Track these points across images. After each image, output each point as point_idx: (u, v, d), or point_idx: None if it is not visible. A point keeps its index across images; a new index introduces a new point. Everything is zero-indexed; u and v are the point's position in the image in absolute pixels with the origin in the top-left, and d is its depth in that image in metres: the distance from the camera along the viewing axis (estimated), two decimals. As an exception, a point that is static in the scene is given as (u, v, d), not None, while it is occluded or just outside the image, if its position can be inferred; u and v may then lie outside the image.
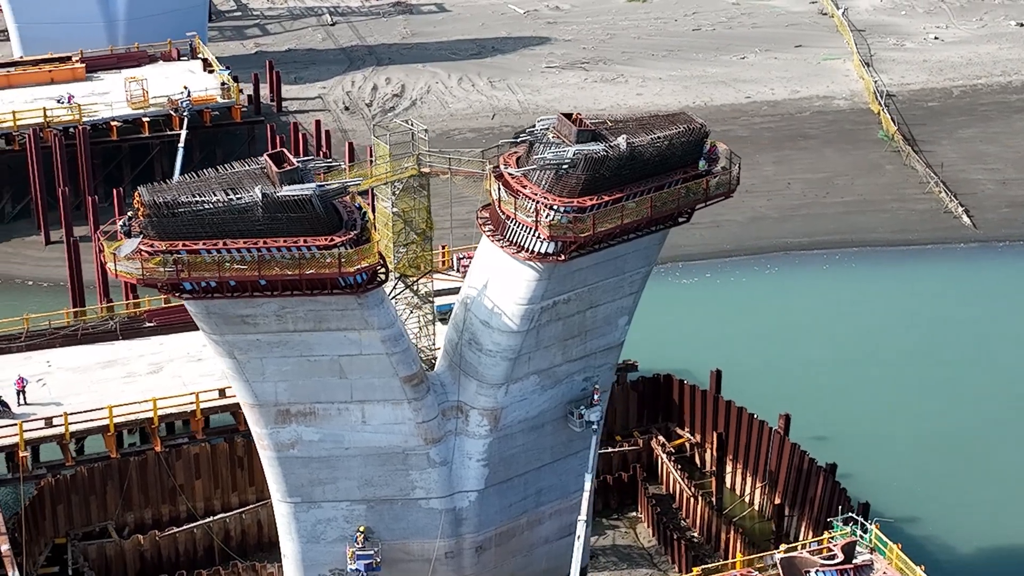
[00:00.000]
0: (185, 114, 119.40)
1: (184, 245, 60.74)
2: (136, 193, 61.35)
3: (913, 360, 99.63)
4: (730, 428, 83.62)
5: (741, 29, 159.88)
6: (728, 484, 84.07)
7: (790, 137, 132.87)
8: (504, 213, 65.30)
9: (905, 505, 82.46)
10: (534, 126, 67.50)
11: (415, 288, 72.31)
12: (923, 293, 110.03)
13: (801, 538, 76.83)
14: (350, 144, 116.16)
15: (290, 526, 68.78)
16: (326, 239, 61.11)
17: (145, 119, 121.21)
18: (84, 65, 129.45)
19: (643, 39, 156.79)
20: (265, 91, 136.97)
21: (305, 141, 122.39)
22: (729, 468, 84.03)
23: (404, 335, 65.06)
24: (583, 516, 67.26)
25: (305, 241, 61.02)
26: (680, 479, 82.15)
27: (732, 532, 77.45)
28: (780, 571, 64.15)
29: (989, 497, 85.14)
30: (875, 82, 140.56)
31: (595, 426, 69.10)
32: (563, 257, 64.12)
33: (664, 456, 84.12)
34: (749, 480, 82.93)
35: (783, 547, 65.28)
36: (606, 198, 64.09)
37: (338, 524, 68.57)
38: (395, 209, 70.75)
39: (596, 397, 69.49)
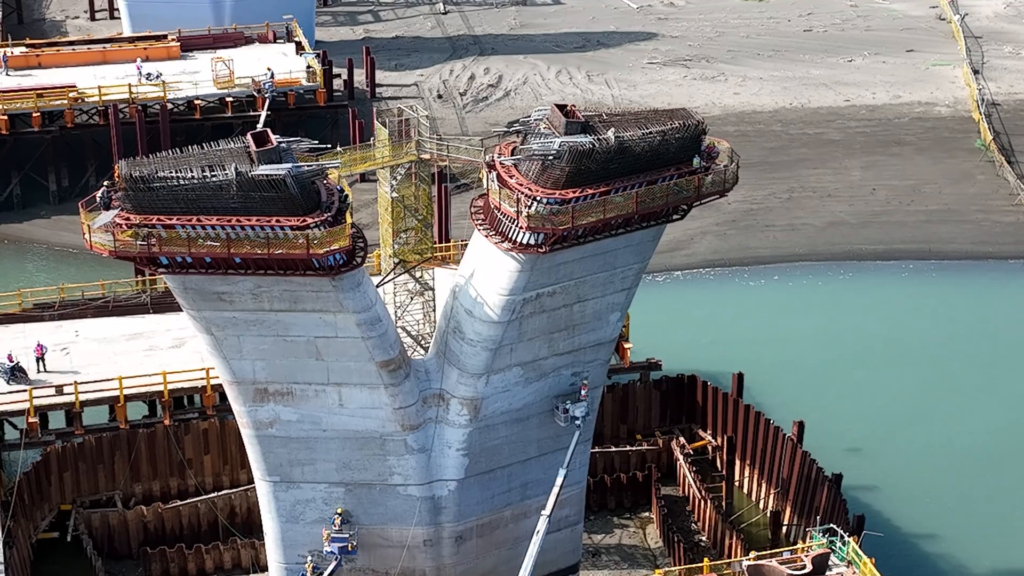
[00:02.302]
0: (267, 95, 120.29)
1: (159, 220, 61.09)
2: (116, 165, 61.92)
3: (962, 379, 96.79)
4: (748, 432, 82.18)
5: (854, 32, 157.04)
6: (739, 488, 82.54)
7: (883, 143, 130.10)
8: (493, 202, 64.84)
9: (909, 521, 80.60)
10: (529, 116, 66.93)
11: (415, 274, 72.23)
12: (994, 309, 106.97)
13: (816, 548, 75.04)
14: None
15: (270, 505, 69.00)
16: (299, 220, 61.03)
17: (229, 99, 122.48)
18: (179, 44, 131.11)
19: (751, 38, 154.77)
20: (362, 76, 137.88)
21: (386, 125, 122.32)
22: (742, 472, 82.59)
23: (381, 320, 64.66)
24: (547, 511, 66.39)
25: (278, 221, 60.98)
26: (693, 481, 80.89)
27: (735, 537, 75.99)
28: (747, 579, 62.95)
29: (1000, 521, 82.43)
30: (979, 90, 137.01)
31: (579, 422, 68.19)
32: (544, 249, 63.40)
33: (682, 458, 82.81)
34: (758, 485, 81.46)
35: (752, 554, 63.89)
36: (590, 191, 63.21)
37: (317, 505, 68.60)
38: (395, 194, 70.66)
39: (583, 392, 68.58)
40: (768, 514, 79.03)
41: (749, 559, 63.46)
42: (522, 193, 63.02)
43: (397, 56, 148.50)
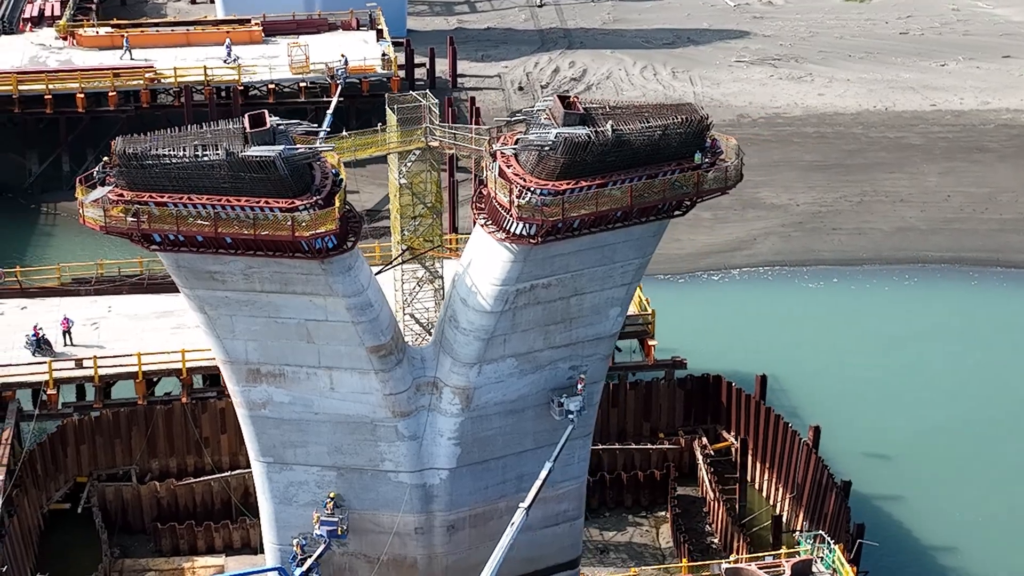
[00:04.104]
0: (340, 82, 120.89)
1: (151, 197, 61.60)
2: (112, 142, 62.57)
3: (1012, 396, 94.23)
4: (767, 435, 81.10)
5: (951, 35, 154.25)
6: (753, 491, 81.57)
7: (965, 148, 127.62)
8: (490, 192, 64.57)
9: (915, 535, 79.12)
10: (533, 106, 66.54)
11: (425, 262, 72.22)
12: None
13: (803, 554, 73.81)
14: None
15: (264, 486, 69.28)
16: (287, 202, 61.15)
17: (303, 84, 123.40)
18: (262, 28, 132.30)
19: (845, 39, 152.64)
20: (446, 66, 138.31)
21: (456, 115, 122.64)
22: (760, 475, 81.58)
23: (373, 305, 64.44)
24: (525, 504, 65.90)
25: (267, 202, 61.17)
26: (709, 482, 79.99)
27: (741, 539, 74.99)
28: (725, 582, 62.15)
29: (1011, 543, 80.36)
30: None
31: (573, 416, 67.61)
32: (537, 240, 62.94)
33: (701, 458, 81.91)
34: (774, 488, 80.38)
35: (731, 558, 63.02)
36: (584, 183, 62.63)
37: (310, 488, 68.75)
38: (403, 181, 70.68)
39: (580, 387, 67.99)
40: (776, 517, 77.74)
41: (728, 562, 62.55)
42: (516, 183, 62.62)
43: (485, 47, 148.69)
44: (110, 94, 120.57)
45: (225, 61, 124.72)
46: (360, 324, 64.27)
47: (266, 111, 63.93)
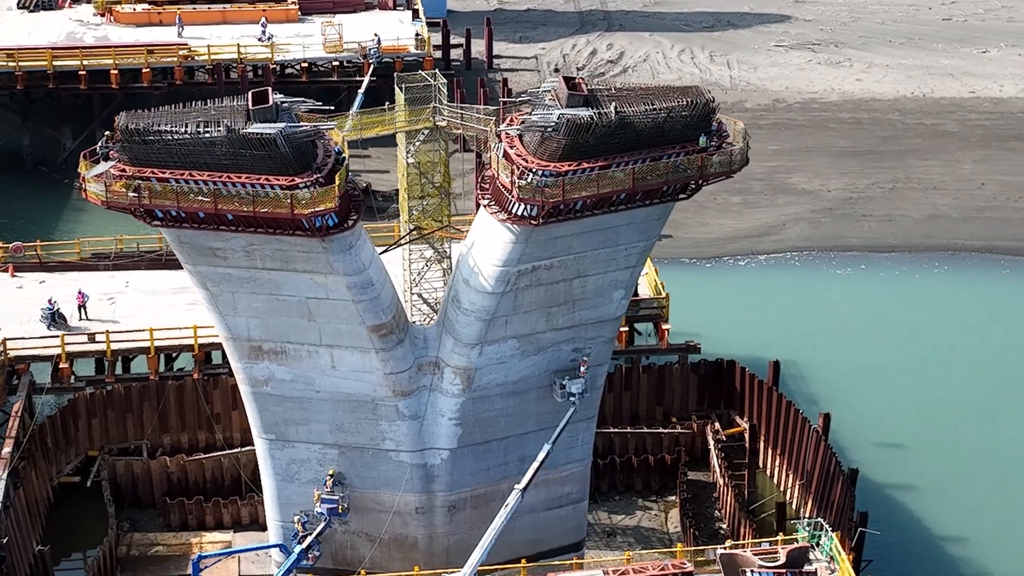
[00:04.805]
0: (373, 61, 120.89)
1: (153, 172, 61.82)
2: (116, 117, 62.85)
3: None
4: (778, 421, 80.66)
5: (995, 22, 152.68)
6: (765, 477, 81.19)
7: (1002, 137, 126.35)
8: (492, 173, 64.49)
9: (921, 525, 78.41)
10: (538, 87, 66.33)
11: (433, 242, 72.16)
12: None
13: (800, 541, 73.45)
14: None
15: (266, 462, 69.56)
16: (288, 179, 61.19)
17: (336, 63, 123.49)
18: (298, 7, 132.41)
19: (887, 25, 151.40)
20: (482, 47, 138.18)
21: (488, 96, 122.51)
22: (772, 461, 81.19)
23: (374, 284, 64.39)
24: (521, 485, 65.80)
25: (267, 179, 61.23)
26: (718, 467, 79.65)
27: (746, 525, 74.60)
28: (720, 567, 61.84)
29: (1015, 535, 79.67)
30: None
31: (574, 398, 67.43)
32: (538, 221, 62.78)
33: (713, 443, 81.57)
34: (784, 475, 80.00)
35: (728, 542, 62.73)
36: (587, 165, 62.38)
37: (312, 466, 68.94)
38: (412, 160, 70.62)
39: (583, 369, 67.80)
40: (780, 504, 77.31)
41: (724, 548, 62.22)
42: (518, 164, 62.46)
43: (524, 28, 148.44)
44: (144, 71, 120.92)
45: (260, 39, 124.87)
46: (361, 303, 64.31)
47: (270, 88, 64.12)
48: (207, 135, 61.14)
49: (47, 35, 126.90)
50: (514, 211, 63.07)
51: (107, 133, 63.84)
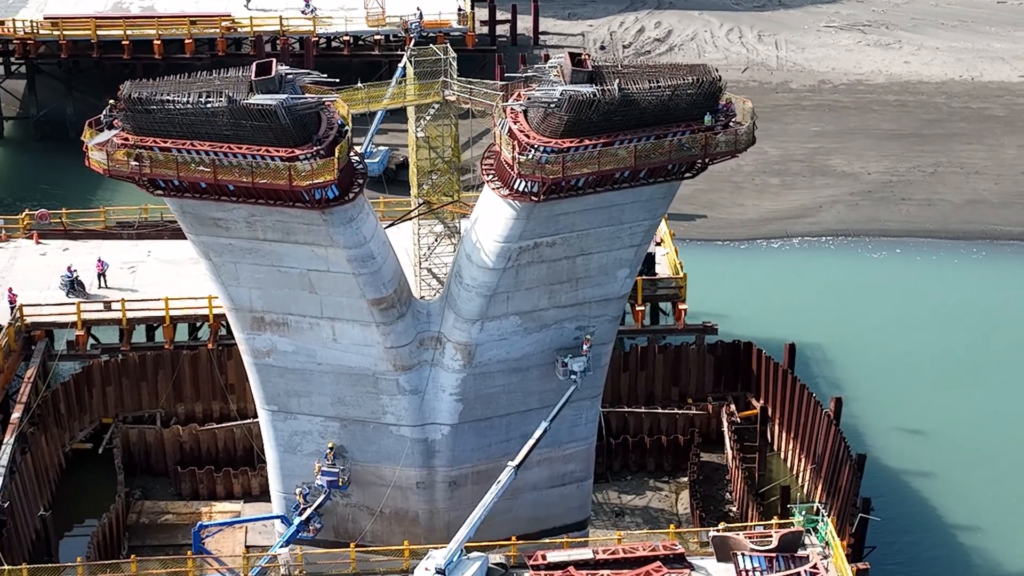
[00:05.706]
0: (414, 35, 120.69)
1: (155, 142, 62.03)
2: (120, 86, 63.10)
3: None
4: (792, 404, 79.98)
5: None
6: (778, 459, 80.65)
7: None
8: (495, 149, 64.29)
9: (928, 511, 77.49)
10: (546, 62, 66.05)
11: (443, 217, 72.05)
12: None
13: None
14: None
15: (269, 433, 69.71)
16: (288, 151, 61.16)
17: (378, 37, 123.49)
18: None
19: (940, 7, 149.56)
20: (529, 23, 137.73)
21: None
22: (785, 444, 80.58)
23: (375, 258, 64.23)
24: (515, 462, 65.60)
25: (267, 151, 61.23)
26: (730, 449, 79.14)
27: (753, 507, 74.11)
28: (713, 548, 61.49)
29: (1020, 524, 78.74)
30: None
31: (576, 377, 67.11)
32: (539, 198, 62.47)
33: (727, 425, 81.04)
34: (797, 458, 79.42)
35: (722, 525, 62.35)
36: (589, 142, 61.99)
37: (313, 438, 69.02)
38: (421, 134, 70.49)
39: (586, 347, 67.47)
40: (784, 487, 76.73)
41: (717, 530, 61.84)
42: (520, 140, 62.18)
43: (573, 5, 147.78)
44: (187, 41, 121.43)
45: (303, 12, 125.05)
46: (361, 276, 64.24)
47: (275, 60, 64.17)
48: (209, 105, 61.18)
49: (95, 5, 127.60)
50: (516, 187, 62.76)
51: (111, 102, 64.03)
